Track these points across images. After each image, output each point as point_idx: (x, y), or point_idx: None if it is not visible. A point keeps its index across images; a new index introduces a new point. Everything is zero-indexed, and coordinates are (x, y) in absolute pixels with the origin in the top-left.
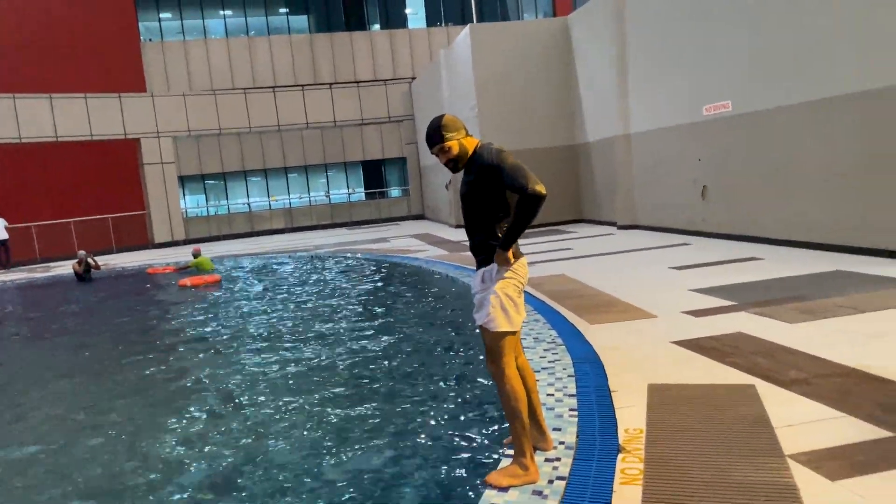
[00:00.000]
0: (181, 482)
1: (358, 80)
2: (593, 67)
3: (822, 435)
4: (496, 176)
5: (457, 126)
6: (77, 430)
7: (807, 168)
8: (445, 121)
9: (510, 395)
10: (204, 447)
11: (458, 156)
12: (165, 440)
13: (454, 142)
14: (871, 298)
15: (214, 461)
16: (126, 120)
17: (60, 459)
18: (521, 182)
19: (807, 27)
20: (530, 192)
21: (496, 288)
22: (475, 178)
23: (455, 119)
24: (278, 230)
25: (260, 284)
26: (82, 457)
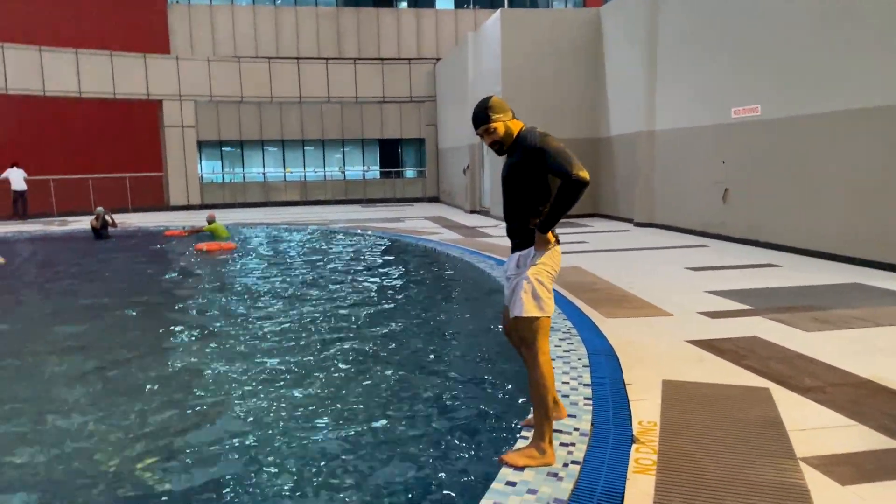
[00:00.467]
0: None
1: (382, 58)
2: (622, 61)
3: (834, 441)
4: (540, 159)
5: (503, 108)
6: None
7: (830, 178)
8: (493, 102)
9: (539, 382)
10: (200, 409)
11: (502, 138)
12: (160, 401)
13: (500, 123)
14: (889, 313)
15: (208, 426)
16: (150, 81)
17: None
18: (565, 167)
19: (840, 38)
20: (574, 177)
21: (529, 273)
22: (518, 161)
23: (502, 101)
24: (292, 202)
25: (273, 255)
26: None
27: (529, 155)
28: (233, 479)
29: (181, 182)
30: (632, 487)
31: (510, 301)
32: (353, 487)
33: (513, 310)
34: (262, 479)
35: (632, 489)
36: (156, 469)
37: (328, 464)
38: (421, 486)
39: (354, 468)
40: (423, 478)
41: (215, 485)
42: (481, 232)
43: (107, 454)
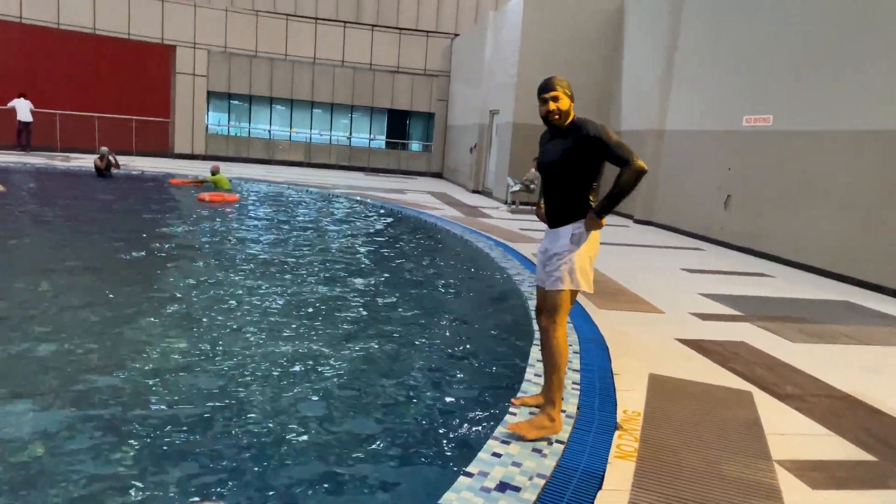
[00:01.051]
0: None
1: (400, 27)
2: (640, 57)
3: (809, 448)
4: (599, 148)
5: (571, 89)
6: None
7: (831, 196)
8: (565, 79)
9: (556, 350)
10: (181, 360)
11: (563, 111)
12: (144, 348)
13: (567, 98)
14: (874, 333)
15: (181, 383)
16: (165, 25)
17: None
18: (626, 156)
19: (855, 60)
20: (635, 166)
21: (578, 253)
22: (575, 147)
23: (570, 84)
24: (295, 162)
25: (273, 212)
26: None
27: (587, 142)
28: (209, 443)
29: (187, 130)
30: (612, 471)
31: (544, 275)
32: (337, 455)
33: (547, 283)
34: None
35: (612, 472)
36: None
37: (311, 427)
38: (409, 453)
39: (339, 436)
40: (410, 448)
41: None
42: (482, 212)
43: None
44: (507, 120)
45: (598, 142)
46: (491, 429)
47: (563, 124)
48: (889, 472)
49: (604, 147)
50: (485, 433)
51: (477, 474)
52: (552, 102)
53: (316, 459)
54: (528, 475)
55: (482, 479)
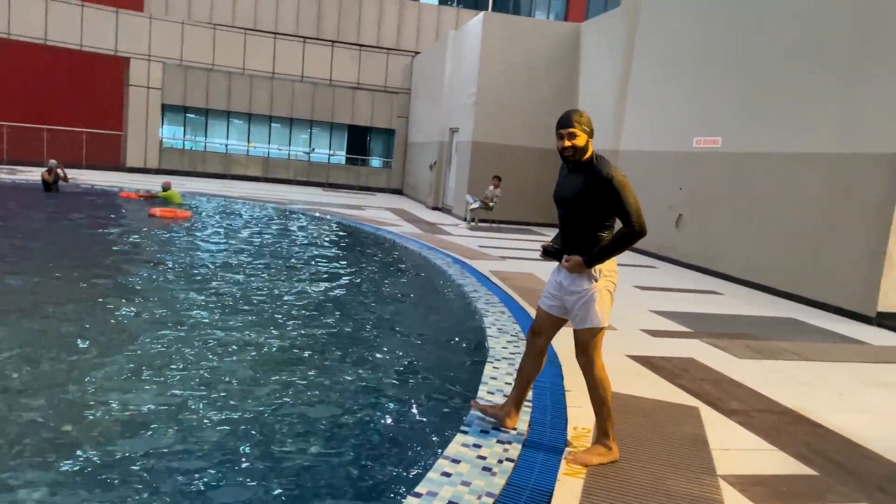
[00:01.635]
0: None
1: (361, 44)
2: (596, 79)
3: (753, 462)
4: (610, 194)
5: (591, 125)
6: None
7: (776, 216)
8: (585, 114)
9: (599, 385)
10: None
11: (579, 148)
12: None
13: (584, 135)
14: (816, 349)
15: (135, 393)
16: (119, 37)
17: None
18: (631, 214)
19: (803, 86)
20: (636, 229)
21: (600, 286)
22: (587, 186)
23: (591, 119)
24: (252, 177)
25: (226, 228)
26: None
27: (598, 183)
28: (164, 451)
29: (140, 144)
30: (561, 488)
31: (560, 309)
32: (280, 478)
33: (577, 321)
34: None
35: (560, 490)
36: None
37: (258, 439)
38: (357, 473)
39: (284, 457)
40: (359, 464)
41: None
42: (441, 229)
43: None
44: (467, 138)
45: (609, 186)
46: (442, 448)
47: (580, 160)
48: (828, 486)
49: (614, 194)
50: (436, 452)
51: (425, 494)
52: (567, 140)
53: (258, 482)
54: (477, 494)
55: (430, 500)
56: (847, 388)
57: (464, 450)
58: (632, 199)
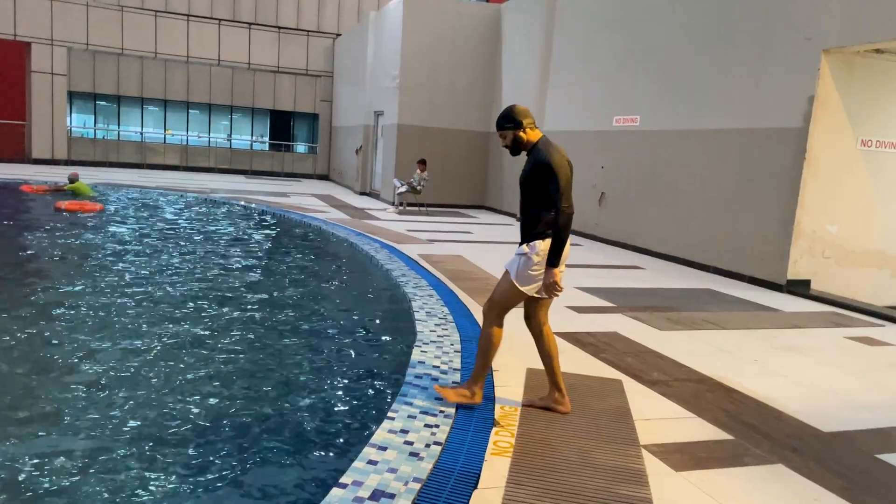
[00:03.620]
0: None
1: (279, 26)
2: (518, 60)
3: (673, 431)
4: (545, 176)
5: (524, 116)
6: None
7: (692, 192)
8: (511, 111)
9: (486, 339)
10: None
11: (512, 145)
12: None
13: (509, 133)
14: (731, 317)
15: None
16: (18, 20)
17: None
18: (557, 200)
19: (713, 65)
20: (565, 214)
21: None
22: (529, 170)
23: (525, 110)
24: (171, 166)
25: (141, 219)
26: None
27: (537, 168)
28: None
29: (46, 134)
30: (488, 469)
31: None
32: (200, 470)
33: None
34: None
35: (488, 470)
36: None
37: (178, 435)
38: (282, 464)
39: (205, 449)
40: (284, 455)
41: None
42: (369, 214)
43: None
44: (392, 122)
45: (546, 169)
46: (369, 436)
47: (522, 151)
48: (745, 449)
49: (548, 178)
50: (362, 441)
51: (350, 484)
52: (502, 140)
53: (175, 477)
54: (403, 481)
55: (356, 489)
56: (761, 355)
57: (391, 436)
58: (563, 189)
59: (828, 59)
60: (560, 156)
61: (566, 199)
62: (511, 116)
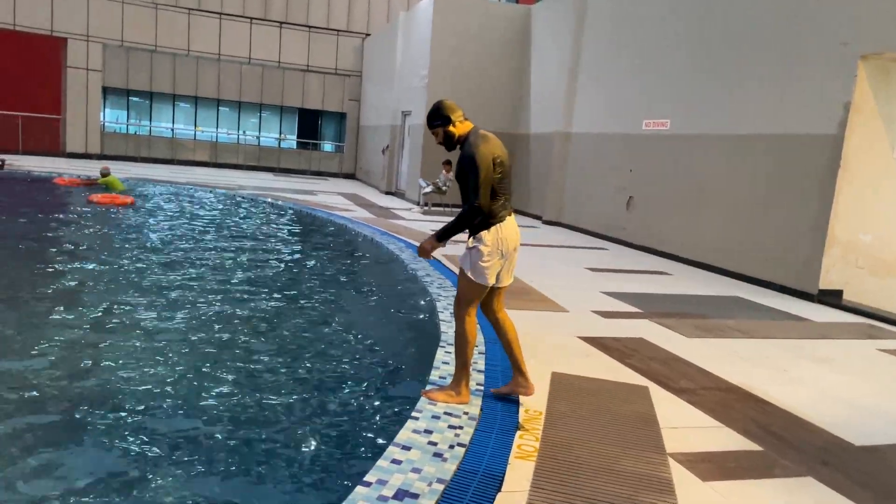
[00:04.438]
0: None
1: (310, 25)
2: (547, 61)
3: (700, 440)
4: (469, 169)
5: (452, 110)
6: None
7: (721, 197)
8: (441, 105)
9: (460, 336)
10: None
11: (446, 140)
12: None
13: (439, 130)
14: (760, 326)
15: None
16: (55, 16)
17: None
18: (472, 193)
19: (743, 67)
20: (474, 206)
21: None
22: (459, 162)
23: (451, 105)
24: (200, 162)
25: (171, 214)
26: None
27: (462, 161)
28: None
29: (80, 128)
30: (512, 472)
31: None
32: (227, 465)
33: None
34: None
35: (512, 473)
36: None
37: (201, 434)
38: (306, 461)
39: (233, 442)
40: (309, 453)
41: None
42: (394, 213)
43: None
44: (419, 122)
45: (469, 161)
46: (393, 435)
47: (457, 145)
48: (773, 460)
49: (469, 170)
50: (386, 439)
51: (375, 483)
52: (435, 137)
53: (202, 473)
54: (427, 481)
55: (380, 488)
56: (790, 364)
57: (415, 436)
58: (481, 181)
59: (865, 65)
60: (487, 148)
61: (483, 195)
62: (440, 112)
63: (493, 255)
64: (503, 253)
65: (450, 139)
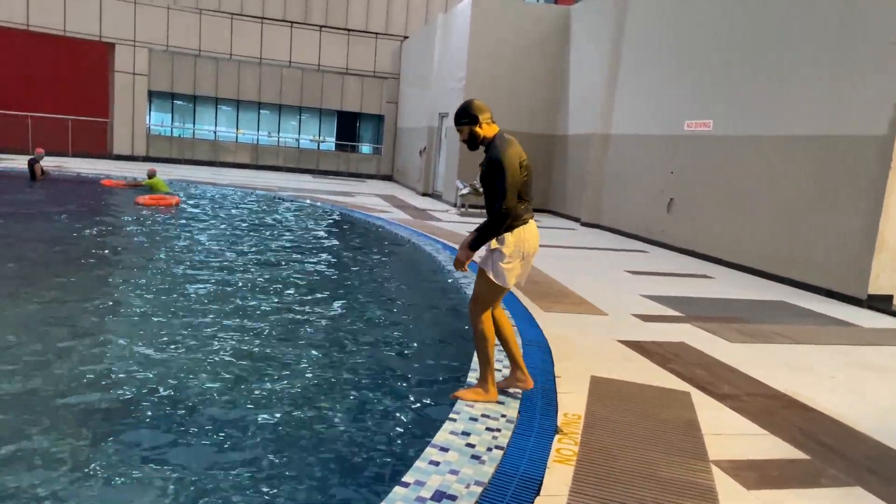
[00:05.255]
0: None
1: (349, 28)
2: (586, 62)
3: (744, 447)
4: (497, 174)
5: (481, 110)
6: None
7: (765, 199)
8: (471, 105)
9: (478, 336)
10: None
11: (472, 140)
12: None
13: (465, 128)
14: (806, 332)
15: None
16: (104, 22)
17: None
18: (499, 197)
19: (791, 67)
20: (501, 211)
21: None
22: (486, 165)
23: (480, 105)
24: (241, 164)
25: (214, 215)
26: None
27: (490, 164)
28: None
29: (127, 131)
30: (550, 475)
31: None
32: (268, 464)
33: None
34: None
35: (550, 477)
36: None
37: (240, 433)
38: (345, 462)
39: (270, 443)
40: (347, 454)
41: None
42: (431, 215)
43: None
44: None
45: (497, 165)
46: (430, 436)
47: (479, 146)
48: (820, 469)
49: (498, 173)
50: (424, 440)
51: (413, 484)
52: (460, 136)
53: (245, 467)
54: (465, 483)
55: (418, 489)
56: (838, 371)
57: (452, 437)
58: (509, 185)
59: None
60: (514, 152)
61: (511, 198)
62: (468, 111)
63: (515, 256)
64: (524, 255)
65: (474, 139)
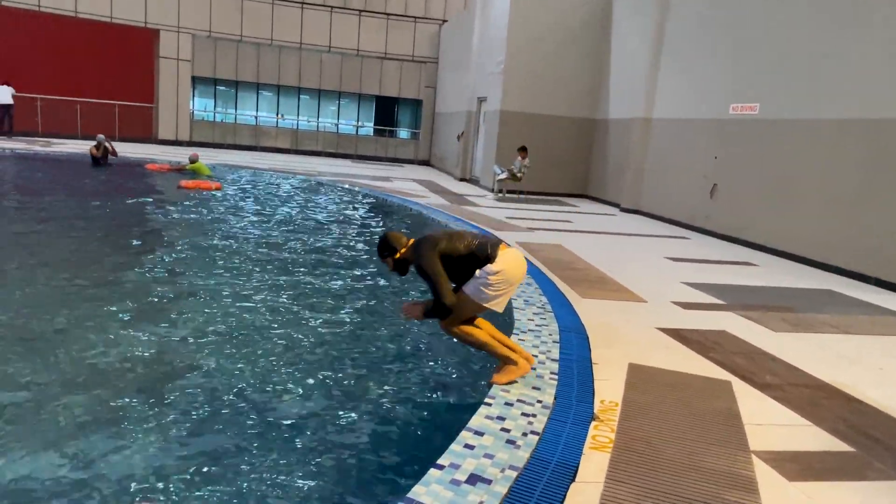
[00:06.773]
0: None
1: (388, 13)
2: (628, 45)
3: (786, 438)
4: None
5: (394, 245)
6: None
7: (815, 185)
8: (385, 240)
9: (464, 338)
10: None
11: (395, 267)
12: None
13: (389, 259)
14: (854, 322)
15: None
16: (148, 9)
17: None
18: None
19: (839, 50)
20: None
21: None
22: (417, 272)
23: (396, 237)
24: (282, 149)
25: (255, 198)
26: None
27: (419, 272)
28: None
29: (171, 116)
30: (586, 462)
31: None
32: (305, 447)
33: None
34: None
35: (586, 464)
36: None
37: (279, 414)
38: (381, 443)
39: (308, 426)
40: (383, 435)
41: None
42: (468, 200)
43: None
44: (495, 108)
45: (423, 272)
46: (466, 420)
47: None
48: (866, 463)
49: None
50: (459, 424)
51: (448, 466)
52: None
53: (282, 449)
54: (500, 467)
55: (453, 472)
56: (887, 363)
57: (487, 422)
58: (440, 283)
59: None
60: (429, 255)
61: (446, 295)
62: (386, 245)
63: (501, 282)
64: (509, 280)
65: (400, 263)
